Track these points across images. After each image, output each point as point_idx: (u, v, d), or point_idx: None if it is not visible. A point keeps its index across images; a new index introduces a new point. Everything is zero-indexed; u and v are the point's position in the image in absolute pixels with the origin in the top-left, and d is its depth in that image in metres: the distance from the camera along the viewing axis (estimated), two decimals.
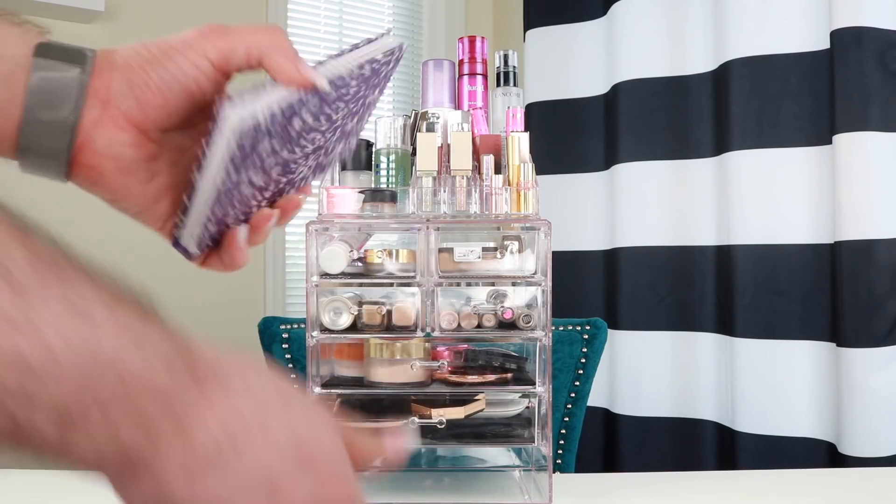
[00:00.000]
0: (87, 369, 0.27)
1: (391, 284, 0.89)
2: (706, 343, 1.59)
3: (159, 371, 0.29)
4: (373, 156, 0.93)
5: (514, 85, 1.00)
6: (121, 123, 0.39)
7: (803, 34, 1.45)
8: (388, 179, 0.91)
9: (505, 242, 0.88)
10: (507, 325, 0.88)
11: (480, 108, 0.97)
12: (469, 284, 0.91)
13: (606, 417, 1.72)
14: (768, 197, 1.48)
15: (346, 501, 0.36)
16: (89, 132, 0.39)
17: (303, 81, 0.40)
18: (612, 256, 1.71)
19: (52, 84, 0.37)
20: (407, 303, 0.88)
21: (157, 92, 0.40)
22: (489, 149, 0.90)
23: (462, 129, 0.91)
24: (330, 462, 0.35)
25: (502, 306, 0.89)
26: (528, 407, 0.92)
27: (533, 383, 0.87)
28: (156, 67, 0.40)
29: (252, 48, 0.41)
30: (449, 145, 0.89)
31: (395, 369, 0.87)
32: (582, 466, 1.33)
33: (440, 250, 0.87)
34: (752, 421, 1.48)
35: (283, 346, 1.25)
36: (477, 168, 0.90)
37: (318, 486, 0.34)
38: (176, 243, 0.43)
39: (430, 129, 0.92)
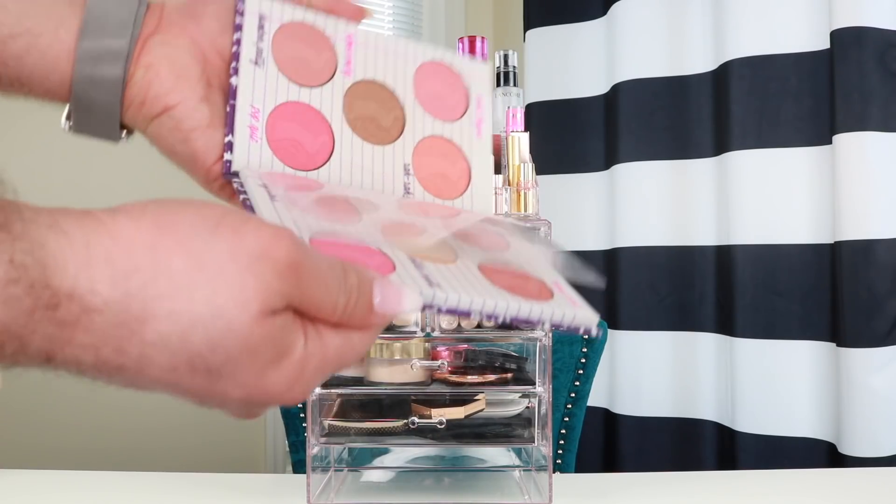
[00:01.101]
0: None
1: None
2: (706, 343, 1.59)
3: None
4: None
5: (514, 85, 1.00)
6: (175, 31, 0.40)
7: (803, 34, 1.45)
8: None
9: None
10: (508, 325, 0.88)
11: None
12: None
13: (606, 417, 1.72)
14: (768, 197, 1.48)
15: (263, 400, 0.30)
16: (146, 39, 0.39)
17: None
18: (612, 256, 1.71)
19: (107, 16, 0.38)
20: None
21: (213, 17, 0.41)
22: None
23: None
24: (238, 376, 0.28)
25: None
26: (528, 407, 0.92)
27: (533, 383, 0.87)
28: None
29: None
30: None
31: (395, 369, 0.87)
32: (582, 466, 1.33)
33: None
34: (752, 421, 1.48)
35: None
36: None
37: (223, 388, 0.29)
38: (227, 172, 0.40)
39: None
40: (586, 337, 0.41)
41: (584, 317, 0.40)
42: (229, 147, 0.40)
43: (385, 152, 0.44)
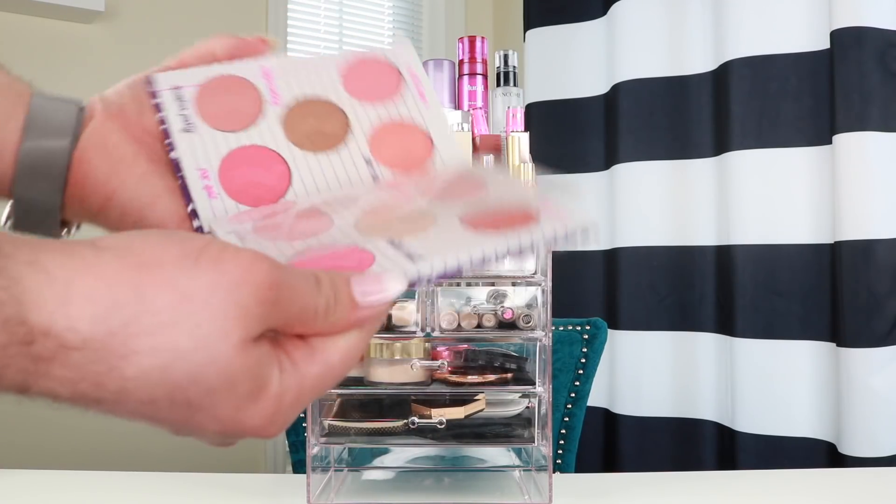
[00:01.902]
0: None
1: None
2: (706, 343, 1.59)
3: None
4: None
5: (514, 85, 1.01)
6: (101, 118, 0.40)
7: (803, 34, 1.45)
8: None
9: None
10: (507, 325, 0.88)
11: (480, 108, 0.97)
12: (469, 284, 0.91)
13: (606, 417, 1.72)
14: (768, 197, 1.48)
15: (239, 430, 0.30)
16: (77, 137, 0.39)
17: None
18: (612, 256, 1.71)
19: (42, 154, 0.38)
20: (407, 303, 0.88)
21: (131, 101, 0.41)
22: (489, 149, 0.90)
23: (462, 129, 0.91)
24: (216, 410, 0.29)
25: (502, 306, 0.89)
26: (528, 407, 0.92)
27: (533, 383, 0.87)
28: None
29: None
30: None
31: (395, 369, 0.87)
32: (582, 466, 1.33)
33: None
34: (752, 421, 1.48)
35: None
36: None
37: (201, 416, 0.29)
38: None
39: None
40: (581, 241, 0.39)
41: (576, 222, 0.38)
42: (194, 214, 0.40)
43: (341, 154, 0.44)
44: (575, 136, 1.78)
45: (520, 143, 0.90)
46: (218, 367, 0.28)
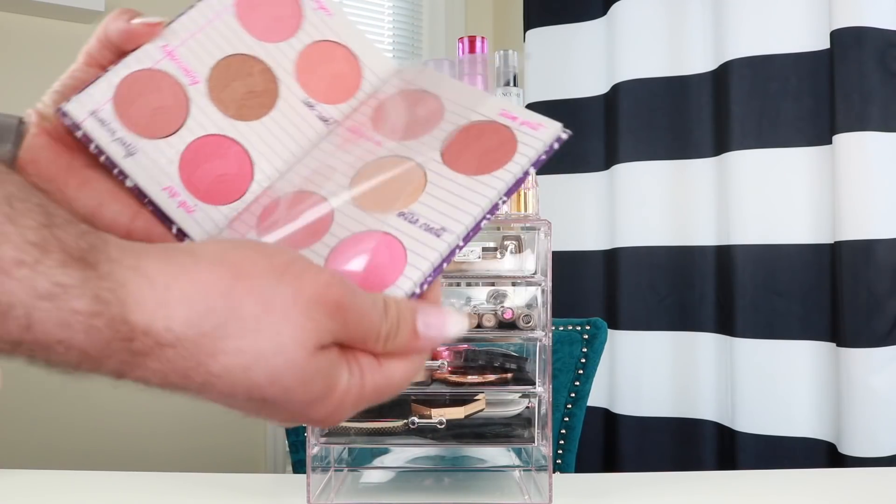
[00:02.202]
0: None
1: None
2: (706, 343, 1.59)
3: (78, 333, 0.28)
4: None
5: (514, 85, 1.00)
6: (38, 132, 0.39)
7: (803, 34, 1.45)
8: None
9: (505, 242, 0.88)
10: (507, 325, 0.88)
11: None
12: (469, 284, 0.91)
13: (606, 417, 1.72)
14: (768, 197, 1.48)
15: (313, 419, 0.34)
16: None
17: None
18: (612, 256, 1.71)
19: None
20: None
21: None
22: None
23: None
24: (289, 405, 0.32)
25: (502, 306, 0.89)
26: (528, 407, 0.92)
27: (533, 383, 0.87)
28: None
29: None
30: None
31: None
32: (582, 466, 1.33)
33: None
34: (752, 421, 1.48)
35: None
36: None
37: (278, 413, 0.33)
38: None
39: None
40: (557, 145, 0.42)
41: (550, 133, 0.40)
42: (181, 234, 0.39)
43: (281, 110, 0.43)
44: (575, 136, 1.75)
45: None
46: (294, 370, 0.31)
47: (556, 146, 0.40)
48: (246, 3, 0.43)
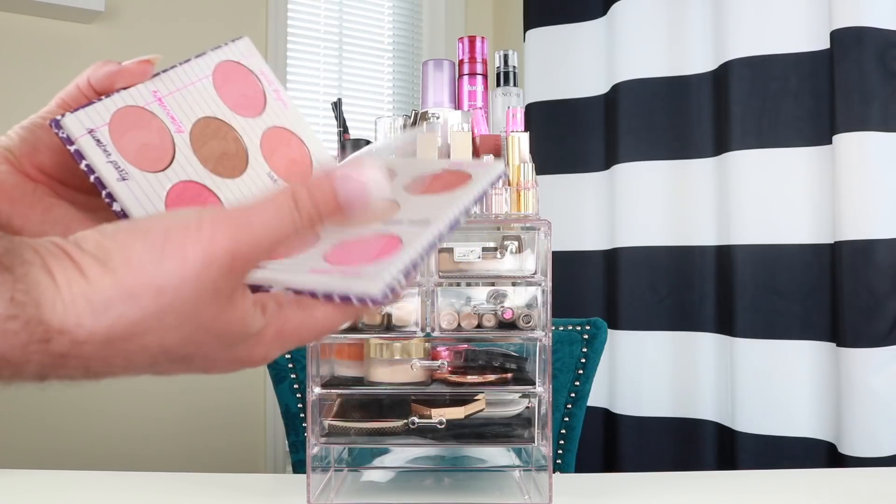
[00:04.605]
0: None
1: None
2: (706, 343, 1.59)
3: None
4: None
5: (514, 85, 1.00)
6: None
7: (803, 34, 1.45)
8: None
9: (505, 242, 0.88)
10: (507, 325, 0.88)
11: (480, 108, 0.97)
12: (469, 284, 0.91)
13: (606, 417, 1.72)
14: (768, 197, 1.48)
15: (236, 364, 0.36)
16: None
17: None
18: (612, 256, 1.71)
19: None
20: (407, 303, 0.88)
21: (22, 139, 0.41)
22: (489, 149, 0.90)
23: (462, 129, 0.91)
24: (209, 351, 0.34)
25: (502, 306, 0.89)
26: (528, 407, 0.92)
27: (533, 383, 0.87)
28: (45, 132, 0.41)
29: None
30: (449, 145, 0.89)
31: (395, 369, 0.87)
32: (582, 466, 1.33)
33: (440, 250, 0.87)
34: (752, 421, 1.48)
35: None
36: None
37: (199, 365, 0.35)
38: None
39: (430, 129, 0.92)
40: (500, 180, 0.47)
41: (495, 169, 0.43)
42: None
43: (251, 175, 0.46)
44: (575, 136, 1.78)
45: (520, 143, 0.90)
46: (204, 330, 0.32)
47: (502, 178, 0.43)
48: (222, 74, 0.47)
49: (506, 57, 1.01)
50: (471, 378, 0.88)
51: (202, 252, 0.32)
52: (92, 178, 0.40)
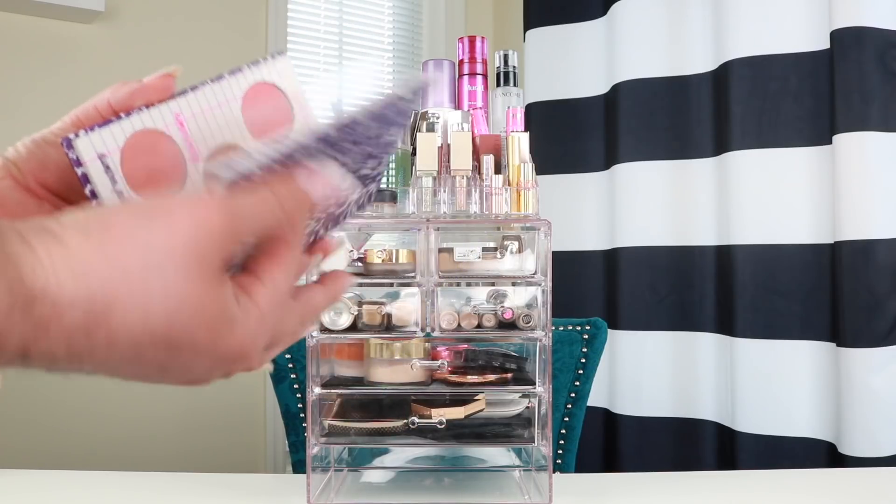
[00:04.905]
0: None
1: (391, 285, 0.89)
2: (706, 343, 1.59)
3: None
4: None
5: (514, 85, 1.01)
6: (4, 176, 0.40)
7: (803, 34, 1.45)
8: (387, 179, 0.91)
9: (505, 242, 0.88)
10: (507, 325, 0.88)
11: (480, 108, 0.97)
12: (469, 284, 0.91)
13: (606, 417, 1.72)
14: (768, 197, 1.48)
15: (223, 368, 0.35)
16: None
17: None
18: (612, 256, 1.71)
19: None
20: (407, 303, 0.88)
21: (32, 156, 0.40)
22: (489, 149, 0.90)
23: (462, 129, 0.91)
24: (194, 336, 0.33)
25: (502, 306, 0.89)
26: (528, 407, 0.92)
27: (533, 383, 0.87)
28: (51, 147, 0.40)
29: None
30: (449, 145, 0.89)
31: (395, 369, 0.87)
32: (582, 466, 1.33)
33: (440, 250, 0.87)
34: (752, 421, 1.48)
35: None
36: (477, 168, 0.90)
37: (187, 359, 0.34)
38: None
39: (430, 128, 0.92)
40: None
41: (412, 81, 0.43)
42: None
43: None
44: (575, 136, 1.78)
45: (520, 143, 0.90)
46: (190, 308, 0.32)
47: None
48: (253, 97, 0.45)
49: (506, 57, 1.01)
50: (471, 378, 0.88)
51: (193, 216, 0.32)
52: (94, 202, 0.39)
